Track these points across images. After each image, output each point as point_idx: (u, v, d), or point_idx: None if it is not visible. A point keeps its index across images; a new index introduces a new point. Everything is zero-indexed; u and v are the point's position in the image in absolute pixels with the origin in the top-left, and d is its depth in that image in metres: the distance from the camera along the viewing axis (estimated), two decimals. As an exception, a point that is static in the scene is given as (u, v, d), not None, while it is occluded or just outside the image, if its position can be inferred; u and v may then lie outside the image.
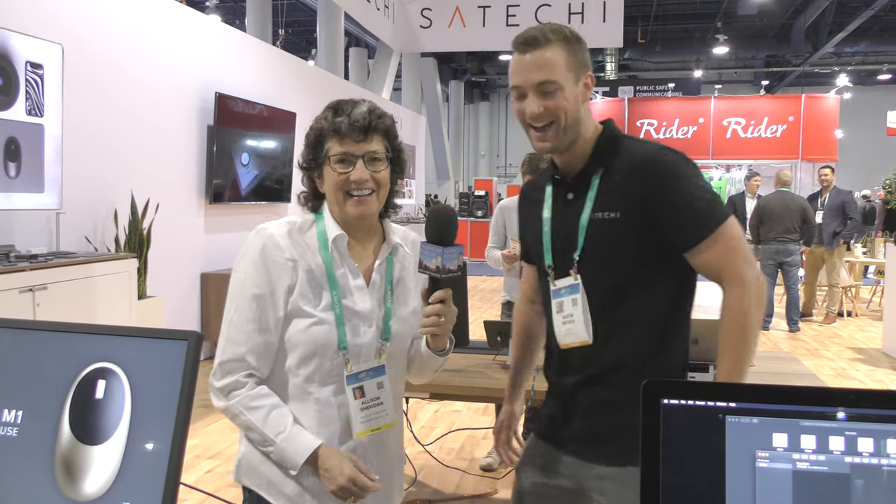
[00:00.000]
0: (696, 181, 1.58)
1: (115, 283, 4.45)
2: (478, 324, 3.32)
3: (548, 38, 1.58)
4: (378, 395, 1.57)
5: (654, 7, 18.70)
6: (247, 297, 1.53)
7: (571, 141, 1.63)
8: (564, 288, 1.67)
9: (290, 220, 1.61)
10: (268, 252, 1.53)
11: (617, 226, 1.59)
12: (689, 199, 1.56)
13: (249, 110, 6.98)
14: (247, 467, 1.61)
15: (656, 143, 1.65)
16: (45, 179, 4.24)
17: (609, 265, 1.62)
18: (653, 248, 1.59)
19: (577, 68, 1.60)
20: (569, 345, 1.67)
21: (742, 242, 1.58)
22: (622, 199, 1.59)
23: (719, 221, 1.55)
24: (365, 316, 1.58)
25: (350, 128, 1.52)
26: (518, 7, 11.18)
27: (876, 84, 25.41)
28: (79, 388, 1.06)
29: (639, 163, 1.60)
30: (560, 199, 1.71)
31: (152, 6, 5.78)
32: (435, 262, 1.48)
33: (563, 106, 1.58)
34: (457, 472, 4.01)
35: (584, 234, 1.63)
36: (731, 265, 1.55)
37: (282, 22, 14.68)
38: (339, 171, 1.53)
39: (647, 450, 0.86)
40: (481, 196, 15.89)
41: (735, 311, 1.55)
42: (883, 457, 0.83)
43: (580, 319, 1.64)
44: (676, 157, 1.60)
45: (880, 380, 6.24)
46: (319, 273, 1.55)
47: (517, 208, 1.94)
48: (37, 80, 4.13)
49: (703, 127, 14.68)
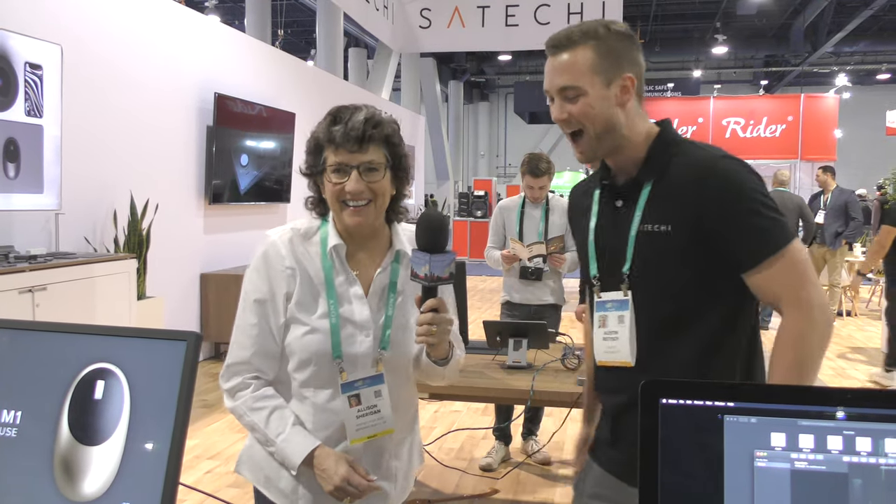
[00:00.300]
0: (760, 195, 1.43)
1: (115, 283, 4.45)
2: (477, 324, 3.32)
3: (573, 41, 1.49)
4: (375, 404, 1.56)
5: (654, 7, 18.71)
6: (250, 302, 1.57)
7: (610, 149, 1.53)
8: (610, 302, 1.56)
9: (296, 225, 1.62)
10: (269, 260, 1.57)
11: (668, 240, 1.47)
12: (753, 214, 1.41)
13: (249, 111, 6.98)
14: (248, 460, 1.64)
15: (717, 149, 1.50)
16: (44, 180, 4.24)
17: (658, 282, 1.50)
18: (707, 266, 1.46)
19: (609, 70, 1.48)
20: (606, 363, 1.57)
21: (808, 267, 1.43)
22: (675, 210, 1.46)
23: (785, 242, 1.41)
24: (361, 325, 1.57)
25: (344, 138, 1.50)
26: (517, 7, 11.17)
27: (875, 84, 25.43)
28: (78, 389, 1.07)
29: (696, 171, 1.46)
30: (608, 206, 1.60)
31: (151, 7, 5.78)
32: (423, 270, 1.46)
33: (587, 112, 1.48)
34: (456, 472, 4.01)
35: (632, 246, 1.51)
36: (793, 288, 1.41)
37: (281, 22, 14.68)
38: (335, 181, 1.52)
39: (645, 449, 0.86)
40: (481, 196, 15.88)
41: (793, 334, 1.40)
42: (881, 456, 0.83)
43: (625, 338, 1.53)
44: (739, 166, 1.46)
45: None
46: (318, 281, 1.57)
47: (568, 211, 1.81)
48: (36, 80, 4.13)
49: (703, 127, 14.68)
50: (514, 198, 4.21)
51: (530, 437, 4.32)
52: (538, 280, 4.00)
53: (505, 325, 3.24)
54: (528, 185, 4.01)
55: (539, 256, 3.94)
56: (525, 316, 3.99)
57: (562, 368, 3.01)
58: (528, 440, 4.32)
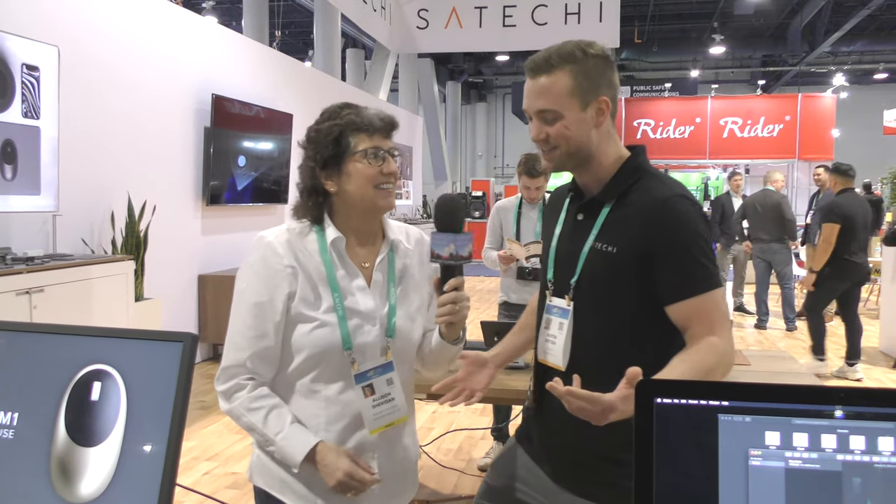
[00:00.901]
0: (702, 240, 1.52)
1: (112, 285, 4.45)
2: (475, 324, 3.32)
3: (551, 64, 1.55)
4: (388, 392, 1.60)
5: (651, 7, 18.72)
6: (247, 304, 1.56)
7: (578, 163, 1.61)
8: (556, 308, 1.65)
9: (289, 226, 1.62)
10: (267, 260, 1.56)
11: (612, 260, 1.55)
12: (686, 254, 1.50)
13: (246, 112, 6.98)
14: (260, 467, 1.63)
15: (677, 186, 1.58)
16: (41, 182, 4.24)
17: (600, 298, 1.58)
18: (644, 289, 1.53)
19: (585, 93, 1.55)
20: (544, 361, 1.68)
21: (722, 317, 1.51)
22: (623, 234, 1.55)
23: (708, 288, 1.49)
24: (368, 315, 1.59)
25: (381, 124, 1.58)
26: (514, 8, 11.18)
27: (872, 83, 25.45)
28: (74, 390, 1.07)
29: (651, 202, 1.54)
30: (571, 216, 1.69)
31: (149, 8, 5.78)
32: (448, 250, 1.50)
33: (563, 134, 1.56)
34: (455, 472, 4.01)
35: (583, 261, 1.60)
36: (705, 330, 1.48)
37: (278, 23, 14.68)
38: (373, 163, 1.56)
39: (640, 448, 0.87)
40: (479, 197, 15.90)
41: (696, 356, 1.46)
42: (875, 454, 0.83)
43: (560, 344, 1.62)
44: (691, 209, 1.54)
45: (877, 378, 6.25)
46: (319, 277, 1.57)
47: (544, 210, 1.90)
48: (33, 82, 4.13)
49: (700, 127, 14.71)
50: (512, 198, 4.21)
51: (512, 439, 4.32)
52: (535, 280, 3.99)
53: (503, 325, 3.24)
54: (524, 185, 4.01)
55: (536, 256, 3.94)
56: (523, 316, 3.98)
57: (559, 368, 3.02)
58: (527, 440, 4.32)
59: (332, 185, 1.59)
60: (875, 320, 8.46)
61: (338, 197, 1.60)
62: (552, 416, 1.64)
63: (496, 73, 26.39)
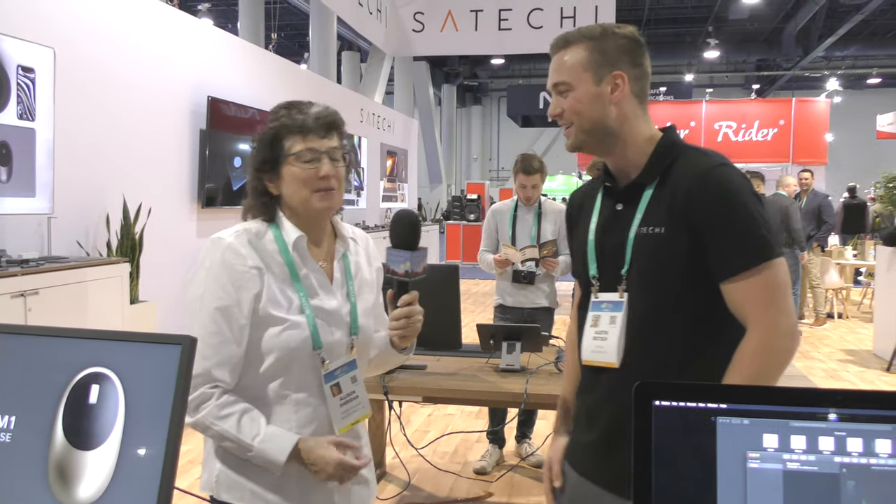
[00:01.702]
0: (754, 207, 1.44)
1: (107, 287, 4.43)
2: (471, 327, 3.32)
3: (568, 40, 1.56)
4: (353, 389, 1.60)
5: (646, 11, 18.79)
6: (209, 310, 1.51)
7: (599, 143, 1.57)
8: (606, 303, 1.58)
9: (245, 226, 1.59)
10: (228, 262, 1.51)
11: (662, 241, 1.48)
12: (740, 224, 1.43)
13: (242, 114, 6.98)
14: (227, 481, 1.57)
15: (718, 156, 1.51)
16: (36, 184, 4.23)
17: (652, 285, 1.51)
18: (698, 271, 1.46)
19: (599, 67, 1.52)
20: (591, 362, 1.59)
21: (784, 289, 1.42)
22: (669, 213, 1.48)
23: (766, 258, 1.41)
24: (334, 313, 1.59)
25: (315, 124, 1.55)
26: (510, 11, 11.21)
27: (866, 88, 25.57)
28: (72, 393, 1.06)
29: (694, 176, 1.47)
30: (609, 208, 1.62)
31: (145, 10, 5.77)
32: (404, 267, 1.50)
33: (574, 107, 1.54)
34: (451, 475, 4.01)
35: (631, 249, 1.53)
36: (762, 307, 1.41)
37: (274, 26, 14.68)
38: (306, 167, 1.53)
39: (639, 451, 0.87)
40: (474, 199, 15.89)
41: (751, 352, 1.41)
42: (872, 456, 0.83)
43: (614, 339, 1.54)
44: (736, 175, 1.47)
45: (871, 381, 6.28)
46: (284, 277, 1.55)
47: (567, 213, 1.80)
48: (28, 84, 4.12)
49: (695, 130, 14.73)
50: (507, 201, 4.22)
51: (524, 440, 4.33)
52: (531, 284, 4.00)
53: (498, 328, 3.25)
54: (520, 183, 4.01)
55: (532, 260, 3.95)
56: (518, 319, 3.99)
57: (555, 371, 3.02)
58: (522, 443, 4.33)
59: (274, 188, 1.58)
60: (869, 323, 8.49)
61: (282, 199, 1.59)
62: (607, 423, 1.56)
63: (492, 76, 26.45)
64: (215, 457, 1.59)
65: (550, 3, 10.97)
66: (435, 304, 2.99)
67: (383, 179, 12.45)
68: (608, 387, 1.56)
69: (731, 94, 24.78)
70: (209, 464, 1.61)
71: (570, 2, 10.89)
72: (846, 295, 9.73)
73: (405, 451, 3.80)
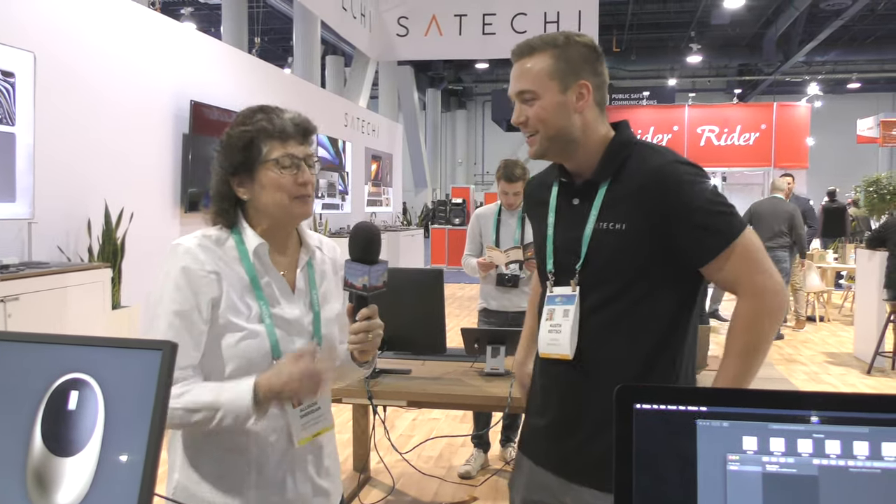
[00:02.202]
0: (708, 194, 1.52)
1: (89, 293, 4.40)
2: (455, 331, 3.33)
3: (533, 48, 1.57)
4: (315, 401, 1.56)
5: (629, 16, 18.91)
6: (167, 315, 1.47)
7: (561, 150, 1.60)
8: (560, 297, 1.62)
9: (205, 233, 1.57)
10: (188, 269, 1.49)
11: (622, 237, 1.53)
12: (704, 214, 1.50)
13: (225, 118, 6.95)
14: (183, 494, 1.54)
15: (669, 153, 1.58)
16: (16, 189, 4.19)
17: (609, 279, 1.56)
18: (658, 263, 1.53)
19: (565, 76, 1.55)
20: (548, 355, 1.63)
21: (760, 254, 1.52)
22: (629, 210, 1.53)
23: (735, 235, 1.50)
24: (295, 322, 1.56)
25: (294, 130, 1.53)
26: (494, 16, 11.23)
27: (846, 93, 25.87)
28: (51, 400, 1.05)
29: (649, 174, 1.53)
30: (565, 203, 1.66)
31: (126, 14, 5.73)
32: (362, 281, 1.48)
33: (540, 115, 1.56)
34: (435, 479, 4.01)
35: (587, 244, 1.58)
36: (748, 276, 1.50)
37: (258, 30, 14.64)
38: (285, 173, 1.51)
39: (620, 454, 0.87)
40: (458, 204, 15.92)
41: (745, 320, 1.51)
42: (850, 458, 0.84)
43: (567, 332, 1.59)
44: (689, 170, 1.54)
45: (852, 383, 6.33)
46: (244, 285, 1.52)
47: (524, 203, 1.87)
48: (8, 88, 4.08)
49: (678, 135, 14.84)
50: (491, 206, 4.23)
51: (508, 444, 4.33)
52: (515, 287, 4.01)
53: (483, 332, 3.25)
54: (503, 190, 4.03)
55: (516, 262, 3.96)
56: (502, 323, 4.00)
57: (539, 375, 3.03)
58: (507, 447, 4.33)
59: (245, 193, 1.55)
60: (849, 326, 8.57)
61: (251, 204, 1.56)
62: (558, 411, 1.64)
63: (476, 80, 26.51)
64: (176, 468, 1.57)
65: (534, 8, 11.01)
66: (419, 308, 3.00)
67: (368, 184, 12.44)
68: (562, 377, 1.63)
69: (714, 99, 24.98)
70: (171, 475, 1.59)
71: (553, 7, 10.93)
72: (827, 298, 9.82)
73: (389, 455, 3.79)
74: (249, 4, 15.30)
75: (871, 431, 0.84)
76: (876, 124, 16.76)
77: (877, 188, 7.69)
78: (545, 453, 1.67)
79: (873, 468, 0.84)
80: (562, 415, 1.64)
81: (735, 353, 1.52)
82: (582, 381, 1.60)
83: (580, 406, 1.61)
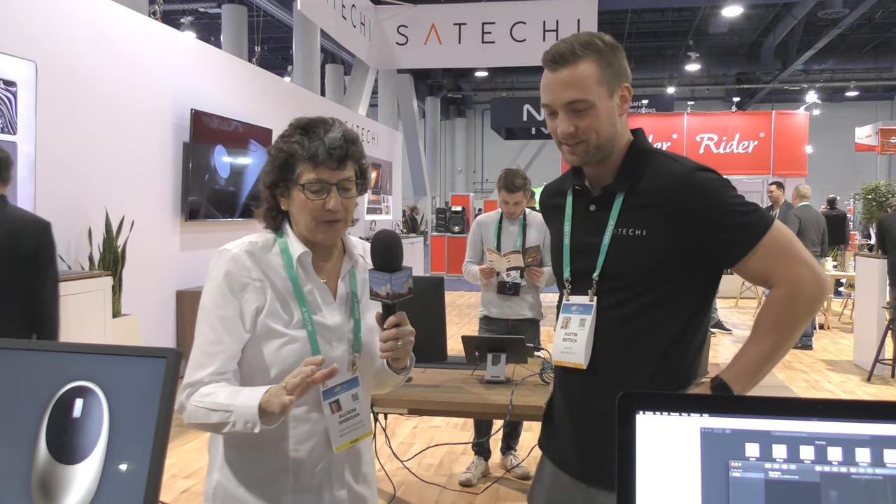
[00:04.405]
0: (730, 197, 1.51)
1: (90, 301, 4.40)
2: (455, 339, 3.33)
3: (577, 54, 1.50)
4: (354, 407, 1.57)
5: (628, 25, 18.97)
6: (210, 319, 1.50)
7: (605, 156, 1.57)
8: (576, 306, 1.61)
9: (252, 239, 1.59)
10: (232, 274, 1.51)
11: (642, 243, 1.52)
12: (734, 216, 1.49)
13: (225, 127, 6.96)
14: (223, 494, 1.56)
15: (689, 162, 1.56)
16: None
17: (625, 286, 1.55)
18: (676, 269, 1.52)
19: (611, 81, 1.52)
20: (561, 362, 1.63)
21: (792, 244, 1.49)
22: (650, 217, 1.52)
23: (762, 232, 1.48)
24: (336, 330, 1.58)
25: (326, 156, 1.50)
26: (493, 24, 11.28)
27: (844, 101, 25.93)
28: (56, 407, 1.06)
29: (674, 183, 1.52)
30: (581, 209, 1.64)
31: (127, 23, 5.76)
32: (385, 289, 1.48)
33: (594, 125, 1.52)
34: (436, 487, 4.00)
35: (605, 253, 1.56)
36: (784, 268, 1.47)
37: (258, 39, 14.67)
38: (313, 198, 1.51)
39: (622, 461, 0.88)
40: (458, 211, 15.93)
41: (780, 304, 1.47)
42: (852, 465, 0.85)
43: (582, 342, 1.57)
44: (714, 177, 1.53)
45: (852, 391, 6.33)
46: (287, 291, 1.54)
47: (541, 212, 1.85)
48: (10, 97, 4.10)
49: (677, 143, 14.86)
50: (492, 213, 4.23)
51: (509, 451, 4.32)
52: (516, 295, 4.01)
53: (483, 339, 3.25)
54: (503, 200, 4.04)
55: (516, 269, 3.96)
56: (503, 331, 4.00)
57: (540, 383, 3.03)
58: (508, 455, 4.33)
59: (285, 204, 1.58)
60: (849, 334, 8.57)
61: (292, 213, 1.58)
62: (579, 417, 1.63)
63: (475, 88, 26.55)
64: (216, 468, 1.59)
65: (533, 16, 11.05)
66: (420, 316, 2.99)
67: (368, 192, 12.44)
68: (577, 386, 1.62)
69: (712, 107, 25.04)
70: (210, 475, 1.60)
71: (552, 15, 10.97)
72: (827, 305, 9.82)
73: (390, 463, 3.78)
74: (249, 14, 15.35)
75: (872, 438, 0.85)
76: (874, 132, 16.82)
77: (875, 196, 7.70)
78: (567, 460, 1.67)
79: (875, 475, 0.84)
80: (577, 424, 1.63)
81: (764, 332, 1.48)
82: (595, 388, 1.60)
83: (593, 412, 1.60)
